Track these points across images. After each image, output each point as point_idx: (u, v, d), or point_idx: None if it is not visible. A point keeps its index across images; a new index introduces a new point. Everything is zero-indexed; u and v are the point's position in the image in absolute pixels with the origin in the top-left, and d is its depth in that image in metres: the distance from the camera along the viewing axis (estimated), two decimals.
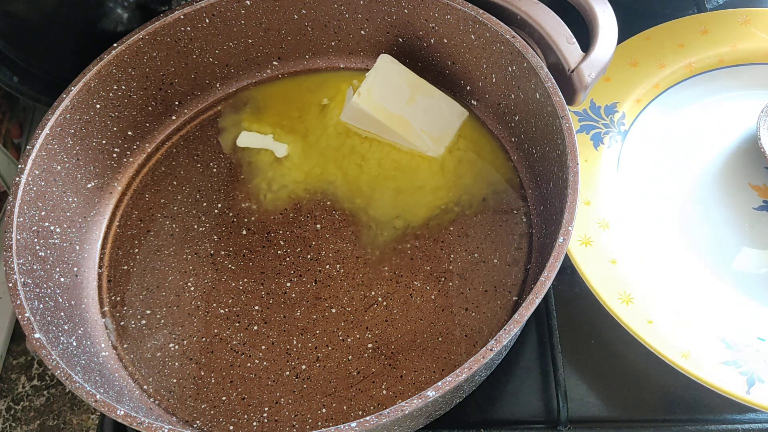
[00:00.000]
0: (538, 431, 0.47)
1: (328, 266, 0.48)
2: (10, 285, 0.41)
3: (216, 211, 0.52)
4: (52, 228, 0.47)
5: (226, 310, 0.47)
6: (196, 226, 0.51)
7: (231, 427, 0.43)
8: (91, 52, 0.50)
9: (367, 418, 0.33)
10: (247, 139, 0.55)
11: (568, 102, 0.45)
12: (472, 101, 0.55)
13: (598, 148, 0.55)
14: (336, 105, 0.56)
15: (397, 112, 0.51)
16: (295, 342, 0.45)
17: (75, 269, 0.48)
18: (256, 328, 0.46)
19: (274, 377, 0.44)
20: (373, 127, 0.53)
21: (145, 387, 0.45)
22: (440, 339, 0.45)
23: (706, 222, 0.52)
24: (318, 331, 0.46)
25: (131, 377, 0.45)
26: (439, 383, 0.34)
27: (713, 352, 0.45)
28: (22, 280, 0.42)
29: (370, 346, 0.45)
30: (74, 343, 0.43)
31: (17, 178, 0.45)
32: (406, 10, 0.52)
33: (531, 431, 0.47)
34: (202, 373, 0.45)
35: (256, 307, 0.47)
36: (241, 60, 0.57)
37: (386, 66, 0.52)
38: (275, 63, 0.58)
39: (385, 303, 0.46)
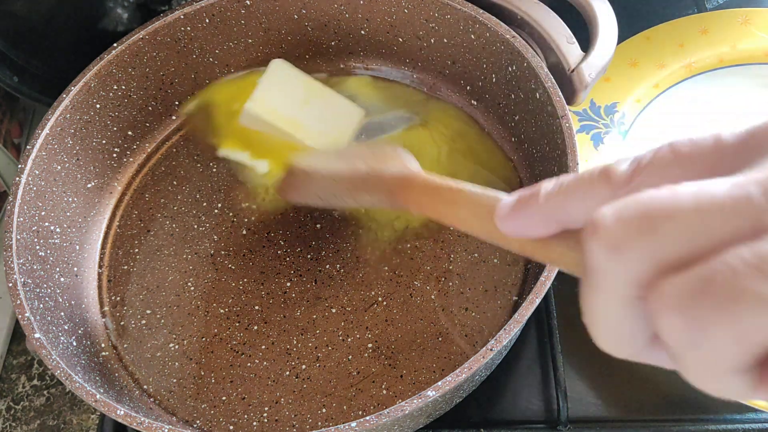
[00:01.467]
0: (538, 431, 0.47)
1: (328, 266, 0.48)
2: (10, 285, 0.41)
3: (216, 211, 0.52)
4: (52, 228, 0.47)
5: (226, 310, 0.47)
6: (196, 226, 0.51)
7: (231, 427, 0.43)
8: (91, 52, 0.50)
9: (367, 417, 0.33)
10: (227, 153, 0.55)
11: (568, 102, 0.45)
12: (472, 101, 0.55)
13: (599, 148, 0.55)
14: None
15: (290, 115, 0.51)
16: (295, 342, 0.45)
17: (75, 269, 0.48)
18: (256, 327, 0.46)
19: (274, 377, 0.44)
20: (270, 130, 0.52)
21: (145, 387, 0.45)
22: (440, 339, 0.45)
23: None
24: (318, 331, 0.46)
25: (131, 377, 0.45)
26: (439, 383, 0.34)
27: None
28: (22, 280, 0.42)
29: (370, 345, 0.45)
30: (74, 343, 0.43)
31: (17, 178, 0.45)
32: (406, 10, 0.52)
33: (531, 431, 0.47)
34: (202, 373, 0.45)
35: (256, 307, 0.47)
36: (241, 60, 0.57)
37: (279, 70, 0.51)
38: None
39: (385, 303, 0.46)
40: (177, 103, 0.56)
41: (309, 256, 0.49)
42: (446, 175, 0.50)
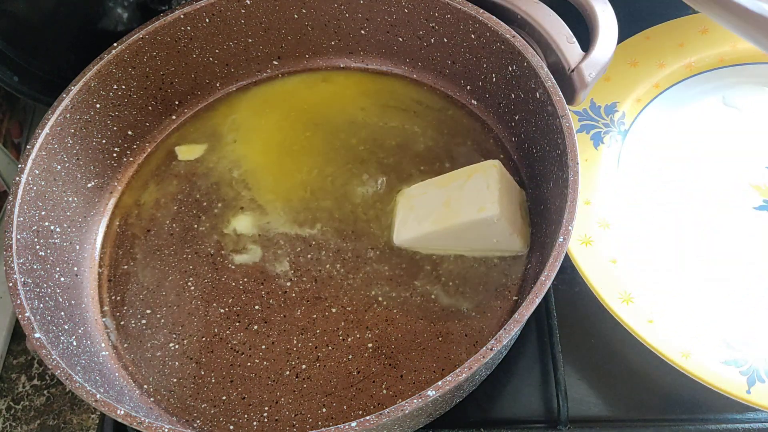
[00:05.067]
0: (538, 431, 0.47)
1: (328, 266, 0.48)
2: (10, 284, 0.41)
3: (216, 210, 0.52)
4: (52, 227, 0.47)
5: (226, 309, 0.47)
6: (196, 226, 0.51)
7: (231, 427, 0.43)
8: (91, 51, 0.50)
9: (368, 417, 0.33)
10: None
11: (568, 101, 0.45)
12: (472, 101, 0.55)
13: (598, 148, 0.55)
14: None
15: (443, 226, 0.47)
16: (295, 341, 0.45)
17: (75, 269, 0.48)
18: (256, 327, 0.46)
19: (274, 377, 0.44)
20: (440, 243, 0.48)
21: (145, 387, 0.45)
22: (440, 339, 0.45)
23: (706, 221, 0.51)
24: (318, 331, 0.46)
25: (131, 377, 0.45)
26: (440, 383, 0.34)
27: (714, 351, 0.45)
28: (22, 279, 0.42)
29: (370, 345, 0.45)
30: (74, 343, 0.43)
31: (17, 178, 0.45)
32: (406, 10, 0.52)
33: (531, 431, 0.47)
34: (202, 373, 0.45)
35: (256, 307, 0.47)
36: (241, 60, 0.57)
37: (411, 194, 0.50)
38: (275, 63, 0.58)
39: (385, 303, 0.46)
40: (177, 102, 0.56)
41: (309, 256, 0.49)
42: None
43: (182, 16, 0.52)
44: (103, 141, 0.52)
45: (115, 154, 0.53)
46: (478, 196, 0.46)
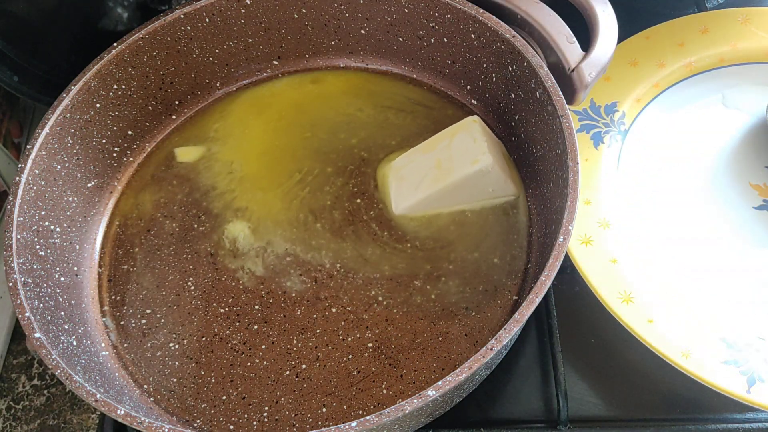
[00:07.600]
0: (538, 431, 0.47)
1: (328, 265, 0.48)
2: (11, 284, 0.41)
3: (216, 210, 0.52)
4: (52, 227, 0.47)
5: (226, 309, 0.47)
6: (196, 226, 0.51)
7: (231, 427, 0.43)
8: (91, 51, 0.50)
9: (368, 417, 0.33)
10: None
11: (568, 101, 0.45)
12: (472, 101, 0.55)
13: (599, 148, 0.55)
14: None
15: (441, 186, 0.49)
16: (295, 341, 0.45)
17: (75, 268, 0.48)
18: (256, 327, 0.46)
19: (275, 377, 0.44)
20: (440, 204, 0.50)
21: (145, 386, 0.45)
22: (440, 338, 0.45)
23: (706, 221, 0.52)
24: (318, 331, 0.46)
25: (131, 377, 0.45)
26: (440, 382, 0.34)
27: (714, 351, 0.45)
28: (23, 279, 0.42)
29: (370, 345, 0.45)
30: (74, 343, 0.43)
31: (17, 178, 0.45)
32: (406, 10, 0.52)
33: (531, 431, 0.47)
34: (202, 373, 0.45)
35: (256, 307, 0.47)
36: (241, 59, 0.57)
37: (398, 166, 0.51)
38: (275, 62, 0.58)
39: (385, 303, 0.46)
40: (177, 102, 0.56)
41: (309, 256, 0.49)
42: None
43: (182, 16, 0.52)
44: (103, 141, 0.52)
45: (115, 154, 0.53)
46: (468, 151, 0.48)
